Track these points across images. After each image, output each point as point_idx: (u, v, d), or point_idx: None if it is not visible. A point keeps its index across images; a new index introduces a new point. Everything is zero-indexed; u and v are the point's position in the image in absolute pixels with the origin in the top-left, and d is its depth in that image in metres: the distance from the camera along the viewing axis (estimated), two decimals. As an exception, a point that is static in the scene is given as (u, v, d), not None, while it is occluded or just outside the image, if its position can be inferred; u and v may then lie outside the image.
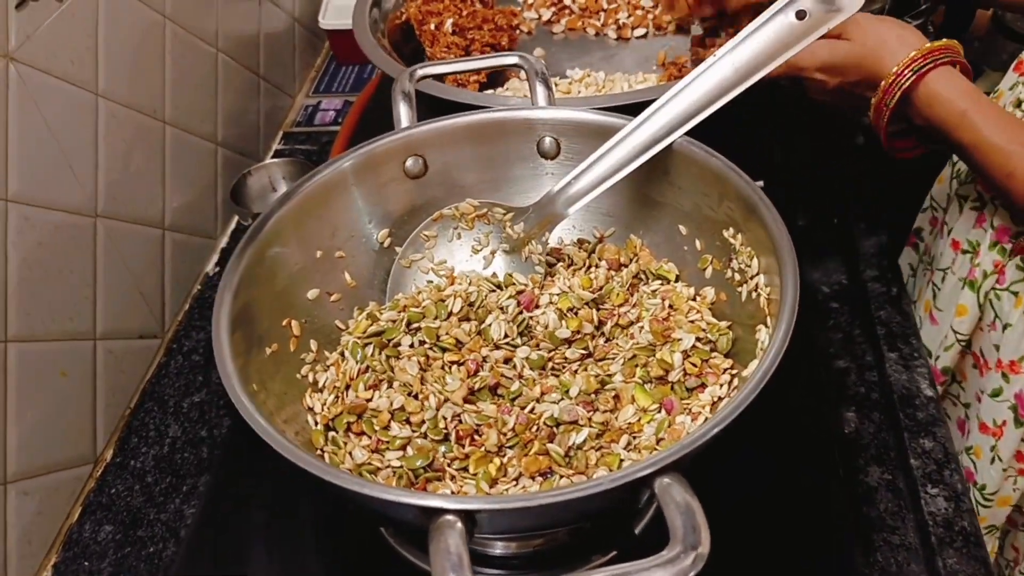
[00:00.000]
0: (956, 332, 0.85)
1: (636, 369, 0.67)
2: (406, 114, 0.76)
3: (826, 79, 0.77)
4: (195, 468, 0.85)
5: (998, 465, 0.82)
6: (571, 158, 0.75)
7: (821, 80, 0.78)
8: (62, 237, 0.80)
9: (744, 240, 0.67)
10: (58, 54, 0.79)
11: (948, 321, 0.86)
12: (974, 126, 0.70)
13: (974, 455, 0.85)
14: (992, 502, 0.84)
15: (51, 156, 0.78)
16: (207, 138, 1.07)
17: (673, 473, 0.48)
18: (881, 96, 0.74)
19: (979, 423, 0.84)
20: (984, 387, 0.83)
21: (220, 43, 1.09)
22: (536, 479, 0.60)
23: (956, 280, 0.86)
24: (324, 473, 0.50)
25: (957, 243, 0.86)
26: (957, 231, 0.87)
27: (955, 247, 0.87)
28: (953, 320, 0.85)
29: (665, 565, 0.43)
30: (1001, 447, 0.82)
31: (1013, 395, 0.79)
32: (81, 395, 0.84)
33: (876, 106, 0.74)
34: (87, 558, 0.79)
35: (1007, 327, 0.79)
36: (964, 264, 0.85)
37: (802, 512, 0.72)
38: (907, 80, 0.72)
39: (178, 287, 1.01)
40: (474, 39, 1.06)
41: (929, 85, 0.71)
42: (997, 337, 0.80)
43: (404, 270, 0.76)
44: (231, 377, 0.56)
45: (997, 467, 0.82)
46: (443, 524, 0.46)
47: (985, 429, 0.83)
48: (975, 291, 0.82)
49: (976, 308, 0.82)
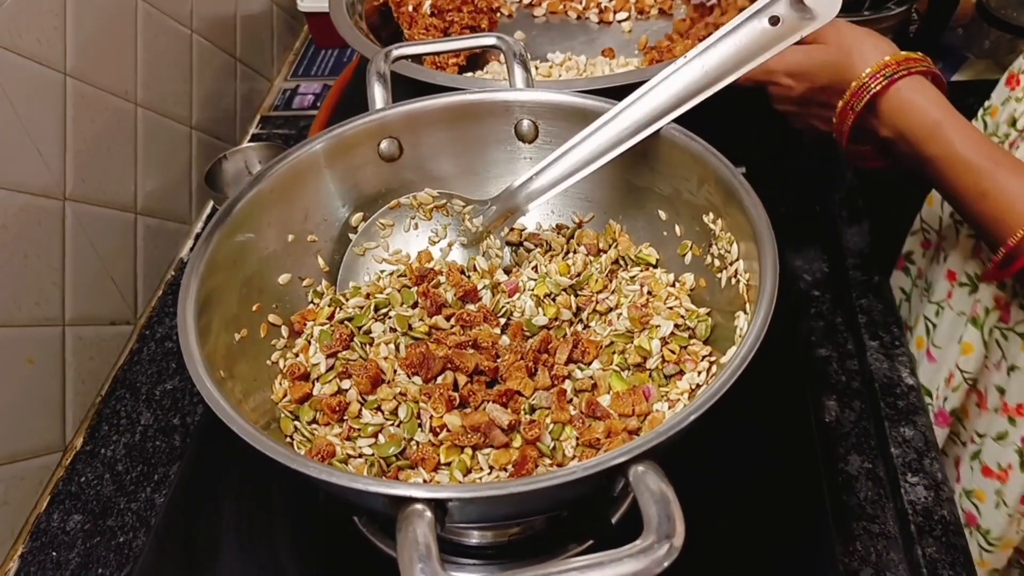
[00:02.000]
0: (963, 371, 0.82)
1: (614, 356, 0.66)
2: (381, 96, 0.74)
3: (793, 84, 0.76)
4: (167, 456, 0.83)
5: (1004, 510, 0.80)
6: (549, 141, 0.74)
7: (788, 85, 0.76)
8: (27, 220, 0.78)
9: (724, 225, 0.66)
10: (23, 32, 0.77)
11: (951, 359, 0.83)
12: (947, 139, 0.67)
13: (976, 499, 0.82)
14: (996, 547, 0.82)
15: (15, 136, 0.76)
16: (181, 121, 1.05)
17: (648, 461, 0.47)
18: (848, 99, 0.71)
19: (982, 466, 0.81)
20: (984, 428, 0.80)
21: (195, 24, 1.07)
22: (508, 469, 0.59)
23: (955, 315, 0.83)
24: (290, 461, 0.48)
25: (953, 274, 0.84)
26: (953, 261, 0.84)
27: (951, 278, 0.84)
28: (959, 359, 0.82)
29: (638, 555, 0.42)
30: (1007, 492, 0.79)
31: (1020, 439, 0.76)
32: (49, 382, 0.82)
33: (841, 109, 0.72)
34: (55, 548, 0.77)
35: (1013, 369, 0.76)
36: (964, 299, 0.82)
37: (781, 500, 0.71)
38: (878, 84, 0.69)
39: (151, 273, 0.99)
40: (453, 21, 1.04)
41: (901, 92, 0.69)
42: (1001, 379, 0.77)
43: (357, 258, 0.75)
44: (196, 363, 0.55)
45: (1003, 512, 0.80)
46: (411, 513, 0.45)
47: (989, 473, 0.80)
48: (979, 328, 0.79)
49: (982, 346, 0.79)
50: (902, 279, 0.98)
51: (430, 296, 0.70)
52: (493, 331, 0.68)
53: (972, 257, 0.81)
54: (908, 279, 0.97)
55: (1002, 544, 0.82)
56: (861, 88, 0.70)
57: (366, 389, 0.63)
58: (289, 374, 0.66)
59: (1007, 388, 0.77)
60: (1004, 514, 0.80)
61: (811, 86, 0.75)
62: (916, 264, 0.95)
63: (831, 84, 0.73)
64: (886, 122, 0.71)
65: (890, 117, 0.70)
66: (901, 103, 0.69)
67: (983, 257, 0.79)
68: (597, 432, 0.60)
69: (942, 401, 0.86)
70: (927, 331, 0.89)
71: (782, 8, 0.63)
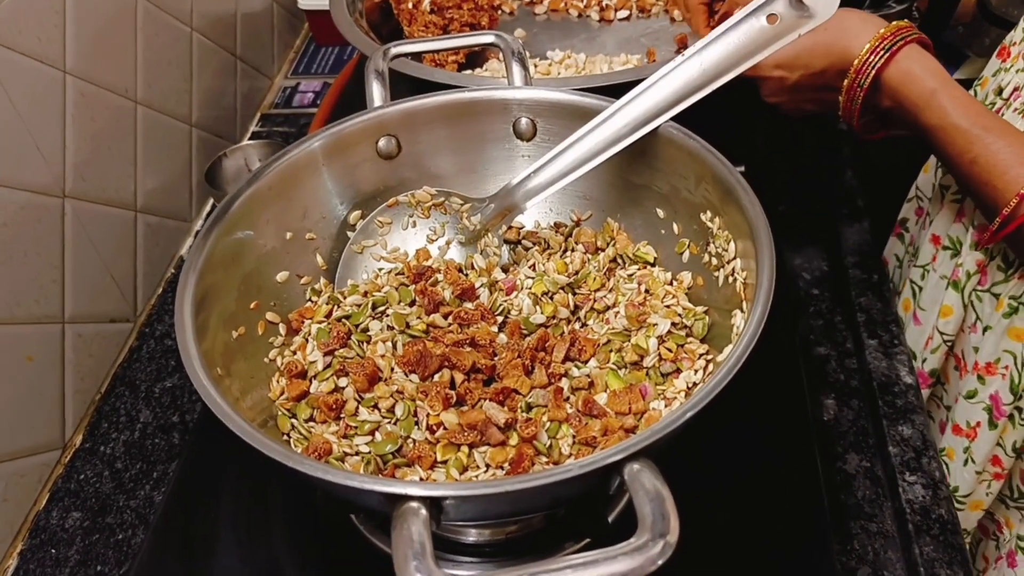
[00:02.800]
0: (942, 333, 0.83)
1: (611, 354, 0.66)
2: (379, 93, 0.74)
3: (785, 75, 0.76)
4: (166, 454, 0.84)
5: (971, 467, 0.81)
6: (547, 139, 0.74)
7: (780, 77, 0.77)
8: (28, 218, 0.78)
9: (721, 224, 0.66)
10: (23, 30, 0.77)
11: (932, 321, 0.85)
12: (942, 107, 0.69)
13: (946, 457, 0.83)
14: (964, 505, 0.83)
15: (15, 134, 0.76)
16: (182, 119, 1.05)
17: (643, 459, 0.46)
18: (853, 77, 0.72)
19: (952, 425, 0.82)
20: (962, 389, 0.81)
21: (195, 22, 1.07)
22: (504, 467, 0.59)
23: (938, 278, 0.84)
24: (286, 459, 0.48)
25: (938, 238, 0.85)
26: (937, 225, 0.85)
27: (935, 242, 0.85)
28: (938, 321, 0.83)
29: (632, 553, 0.42)
30: (975, 449, 0.80)
31: (988, 396, 0.78)
32: (49, 380, 0.82)
33: (848, 88, 0.73)
34: (54, 545, 0.77)
35: (987, 329, 0.77)
36: (946, 262, 0.83)
37: (779, 499, 0.71)
38: (880, 58, 0.70)
39: (151, 270, 0.99)
40: (453, 18, 1.04)
41: (900, 63, 0.70)
42: (977, 339, 0.79)
43: (355, 256, 0.75)
44: (194, 361, 0.55)
45: (970, 469, 0.81)
46: (406, 511, 0.45)
47: (959, 431, 0.82)
48: (959, 291, 0.80)
49: (961, 309, 0.81)
50: (896, 246, 0.99)
51: (428, 294, 0.70)
52: (491, 329, 0.68)
53: (955, 221, 0.82)
54: (902, 245, 0.98)
55: (970, 503, 0.83)
56: (864, 64, 0.71)
57: (363, 387, 0.63)
58: (286, 372, 0.66)
59: (980, 347, 0.78)
60: (972, 472, 0.81)
61: (806, 72, 0.75)
62: (909, 232, 0.96)
63: (830, 66, 0.74)
64: (888, 93, 0.72)
65: (891, 88, 0.71)
66: (901, 74, 0.71)
67: (964, 221, 0.80)
68: (594, 430, 0.60)
69: (921, 363, 0.87)
70: (913, 294, 0.90)
71: (780, 6, 0.62)
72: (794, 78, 0.76)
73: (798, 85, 0.77)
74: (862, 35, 0.71)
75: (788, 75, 0.76)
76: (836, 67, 0.74)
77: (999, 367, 0.77)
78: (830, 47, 0.73)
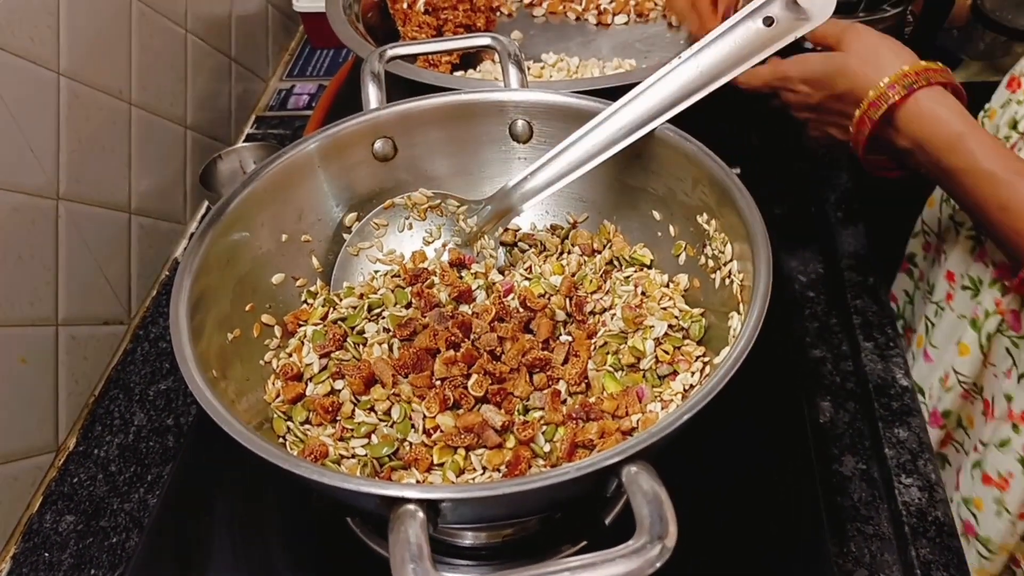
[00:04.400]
0: (958, 373, 0.81)
1: (607, 357, 0.66)
2: (375, 95, 0.74)
3: (810, 91, 0.75)
4: (160, 457, 0.83)
5: (1006, 517, 0.79)
6: (544, 142, 0.74)
7: (805, 92, 0.75)
8: (21, 220, 0.78)
9: (718, 226, 0.66)
10: (16, 31, 0.77)
11: (947, 360, 0.83)
12: (969, 151, 0.66)
13: (975, 507, 0.81)
14: (995, 554, 0.81)
15: (8, 136, 0.76)
16: (176, 121, 1.05)
17: (641, 462, 0.46)
18: (866, 108, 0.70)
19: (982, 475, 0.80)
20: (988, 436, 0.79)
21: (190, 24, 1.07)
22: (501, 470, 0.59)
23: (956, 317, 0.83)
24: (282, 462, 0.48)
25: (952, 274, 0.83)
26: (953, 262, 0.83)
27: (950, 279, 0.84)
28: (955, 360, 0.81)
29: (630, 556, 0.42)
30: (1008, 499, 0.78)
31: (1022, 446, 0.76)
32: (42, 382, 0.82)
33: (858, 118, 0.71)
34: (47, 549, 0.77)
35: (1023, 377, 0.75)
36: (965, 301, 0.82)
37: (775, 501, 0.71)
38: (896, 94, 0.68)
39: (145, 272, 0.99)
40: (447, 19, 1.04)
41: (920, 102, 0.68)
42: (1011, 386, 0.76)
43: (351, 258, 0.75)
44: (189, 363, 0.55)
45: (1004, 519, 0.79)
46: (403, 513, 0.44)
47: (989, 481, 0.79)
48: (977, 330, 0.78)
49: (978, 349, 0.79)
50: (905, 282, 0.98)
51: (424, 296, 0.69)
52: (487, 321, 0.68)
53: (975, 260, 0.80)
54: (911, 281, 0.97)
55: (1000, 550, 0.82)
56: (879, 97, 0.69)
57: (359, 389, 0.63)
58: (282, 374, 0.66)
59: (1015, 395, 0.76)
60: (1006, 521, 0.79)
61: (829, 93, 0.74)
62: (918, 267, 0.95)
63: (848, 92, 0.72)
64: (904, 132, 0.70)
65: (908, 127, 0.69)
66: (920, 114, 0.68)
67: (986, 261, 0.79)
68: (591, 433, 0.60)
69: (935, 401, 0.85)
70: (926, 330, 0.88)
71: (776, 9, 0.63)
72: (818, 97, 0.75)
73: (821, 105, 0.75)
74: (888, 67, 0.69)
75: (813, 92, 0.75)
76: (853, 94, 0.71)
77: None
78: (855, 72, 0.71)
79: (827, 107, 0.75)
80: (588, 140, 0.67)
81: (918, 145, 0.69)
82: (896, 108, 0.69)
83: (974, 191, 0.67)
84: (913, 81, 0.68)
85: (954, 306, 0.83)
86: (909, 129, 0.69)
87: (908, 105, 0.68)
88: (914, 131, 0.69)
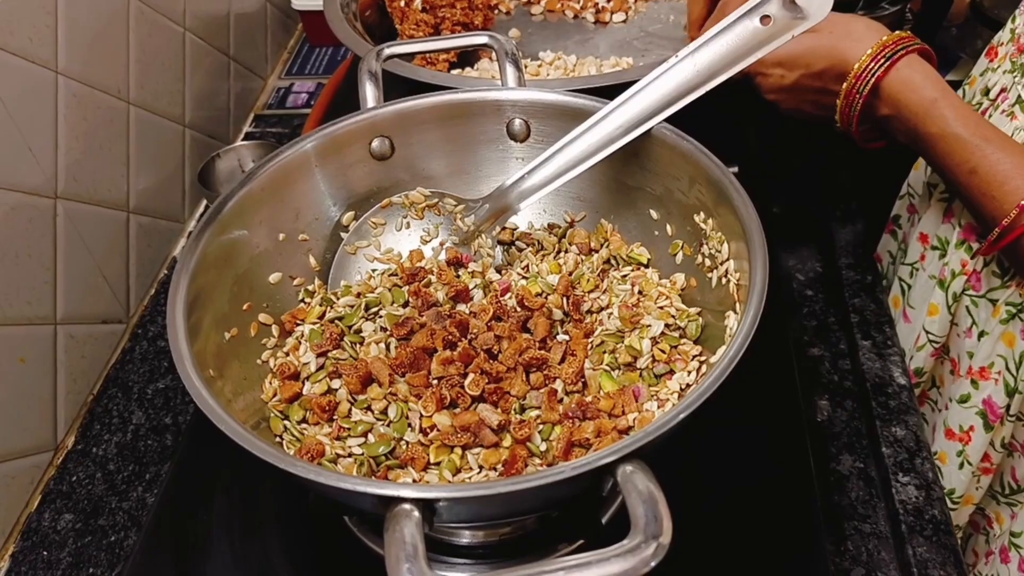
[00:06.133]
0: (928, 332, 0.84)
1: (604, 356, 0.66)
2: (372, 94, 0.74)
3: (784, 73, 0.76)
4: (159, 456, 0.83)
5: (967, 469, 0.81)
6: (541, 140, 0.74)
7: (778, 75, 0.77)
8: (19, 218, 0.78)
9: (715, 225, 0.66)
10: (15, 30, 0.77)
11: (920, 320, 0.85)
12: (942, 116, 0.69)
13: (939, 460, 0.83)
14: (958, 505, 0.84)
15: (7, 135, 0.76)
16: (174, 120, 1.05)
17: (636, 461, 0.46)
18: (852, 83, 0.73)
19: (945, 429, 0.82)
20: (954, 394, 0.82)
21: (188, 22, 1.07)
22: (498, 469, 0.59)
23: (927, 278, 0.85)
24: (279, 461, 0.48)
25: (926, 236, 0.85)
26: (925, 223, 0.85)
27: (923, 240, 0.85)
28: (925, 320, 0.84)
29: (625, 555, 0.42)
30: (970, 452, 0.80)
31: (981, 401, 0.78)
32: (41, 381, 0.82)
33: (847, 93, 0.73)
34: (46, 547, 0.77)
35: (983, 335, 0.77)
36: (935, 262, 0.83)
37: (772, 500, 0.71)
38: (880, 66, 0.71)
39: (144, 271, 0.99)
40: (445, 17, 1.04)
41: (901, 71, 0.71)
42: (972, 344, 0.79)
43: (349, 257, 0.75)
44: (186, 362, 0.55)
45: (967, 471, 0.81)
46: (399, 512, 0.44)
47: (951, 435, 0.81)
48: (944, 290, 0.81)
49: (946, 308, 0.81)
50: (889, 243, 0.99)
51: (421, 295, 0.69)
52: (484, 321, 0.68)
53: (944, 221, 0.82)
54: (895, 242, 0.98)
55: (963, 501, 0.84)
56: (864, 71, 0.71)
57: (356, 388, 0.63)
58: (279, 373, 0.66)
59: (976, 352, 0.78)
60: (968, 473, 0.82)
61: (805, 72, 0.75)
62: (902, 228, 0.96)
63: (828, 68, 0.74)
64: (887, 101, 0.72)
65: (891, 96, 0.71)
66: (902, 83, 0.70)
67: (953, 222, 0.80)
68: (587, 432, 0.60)
69: (909, 359, 0.87)
70: (902, 291, 0.90)
71: (774, 7, 0.63)
72: (793, 77, 0.76)
73: (796, 85, 0.77)
74: (864, 41, 0.72)
75: (787, 73, 0.77)
76: (835, 70, 0.74)
77: (992, 371, 0.77)
78: (831, 50, 0.73)
79: (803, 85, 0.77)
80: (585, 139, 0.67)
81: (897, 111, 0.72)
82: (880, 79, 0.71)
83: (945, 156, 0.69)
84: (893, 52, 0.71)
85: (926, 267, 0.85)
86: (891, 98, 0.72)
87: (890, 75, 0.71)
88: (895, 99, 0.71)
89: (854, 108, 0.74)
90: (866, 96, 0.72)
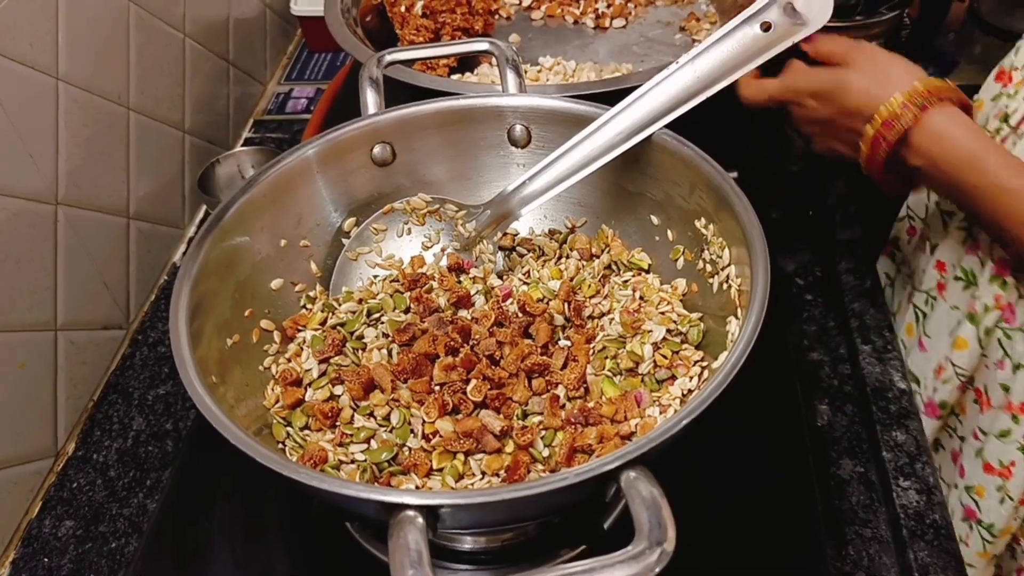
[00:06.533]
0: (956, 366, 0.82)
1: (606, 361, 0.66)
2: (373, 100, 0.74)
3: (818, 107, 0.74)
4: (159, 462, 0.83)
5: (1009, 504, 0.80)
6: (542, 146, 0.74)
7: (813, 107, 0.74)
8: (20, 224, 0.78)
9: (716, 230, 0.66)
10: (15, 36, 0.77)
11: (941, 351, 0.84)
12: (984, 167, 0.66)
13: (976, 494, 0.82)
14: (998, 538, 0.82)
15: (8, 141, 0.76)
16: (174, 125, 1.05)
17: (639, 467, 0.47)
18: (879, 127, 0.69)
19: (983, 463, 0.81)
20: (986, 425, 0.80)
21: (187, 28, 1.07)
22: (500, 475, 0.59)
23: (948, 308, 0.83)
24: (281, 467, 0.48)
25: (943, 265, 0.84)
26: (943, 252, 0.84)
27: (941, 268, 0.84)
28: (951, 353, 0.82)
29: (629, 561, 0.42)
30: (1011, 487, 0.79)
31: (1022, 435, 0.77)
32: (41, 387, 0.82)
33: (873, 138, 0.70)
34: (47, 554, 0.77)
35: (1018, 368, 0.76)
36: (958, 293, 0.82)
37: (773, 505, 0.71)
38: (910, 114, 0.67)
39: (144, 277, 0.99)
40: (445, 22, 1.04)
41: (934, 120, 0.67)
42: (1006, 377, 0.77)
43: (350, 263, 0.75)
44: (188, 368, 0.55)
45: (1008, 506, 0.80)
46: (403, 519, 0.45)
47: (991, 470, 0.80)
48: (975, 325, 0.79)
49: (976, 343, 0.79)
50: (887, 264, 0.99)
51: (423, 301, 0.70)
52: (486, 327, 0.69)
53: (968, 252, 0.81)
54: (893, 265, 0.97)
55: (1001, 533, 0.83)
56: (892, 117, 0.68)
57: (358, 395, 0.63)
58: (281, 380, 0.66)
59: (1012, 386, 0.77)
60: (1010, 507, 0.80)
61: (838, 110, 0.72)
62: (901, 251, 0.96)
63: (858, 108, 0.71)
64: (918, 151, 0.69)
65: (922, 146, 0.68)
66: (935, 132, 0.68)
67: (980, 255, 0.79)
68: (589, 438, 0.60)
69: (931, 392, 0.86)
70: (917, 319, 0.89)
71: (774, 14, 0.63)
72: (825, 112, 0.73)
73: (829, 120, 0.74)
74: (899, 85, 0.68)
75: (820, 108, 0.73)
76: (863, 111, 0.70)
77: None
78: (864, 89, 0.70)
79: (835, 123, 0.74)
80: (586, 145, 0.67)
81: (932, 163, 0.69)
82: (910, 128, 0.68)
83: (994, 207, 0.67)
84: (925, 99, 0.68)
85: (947, 296, 0.84)
86: (923, 148, 0.68)
87: (922, 124, 0.68)
88: (929, 150, 0.68)
89: (878, 155, 0.71)
90: (892, 144, 0.69)
